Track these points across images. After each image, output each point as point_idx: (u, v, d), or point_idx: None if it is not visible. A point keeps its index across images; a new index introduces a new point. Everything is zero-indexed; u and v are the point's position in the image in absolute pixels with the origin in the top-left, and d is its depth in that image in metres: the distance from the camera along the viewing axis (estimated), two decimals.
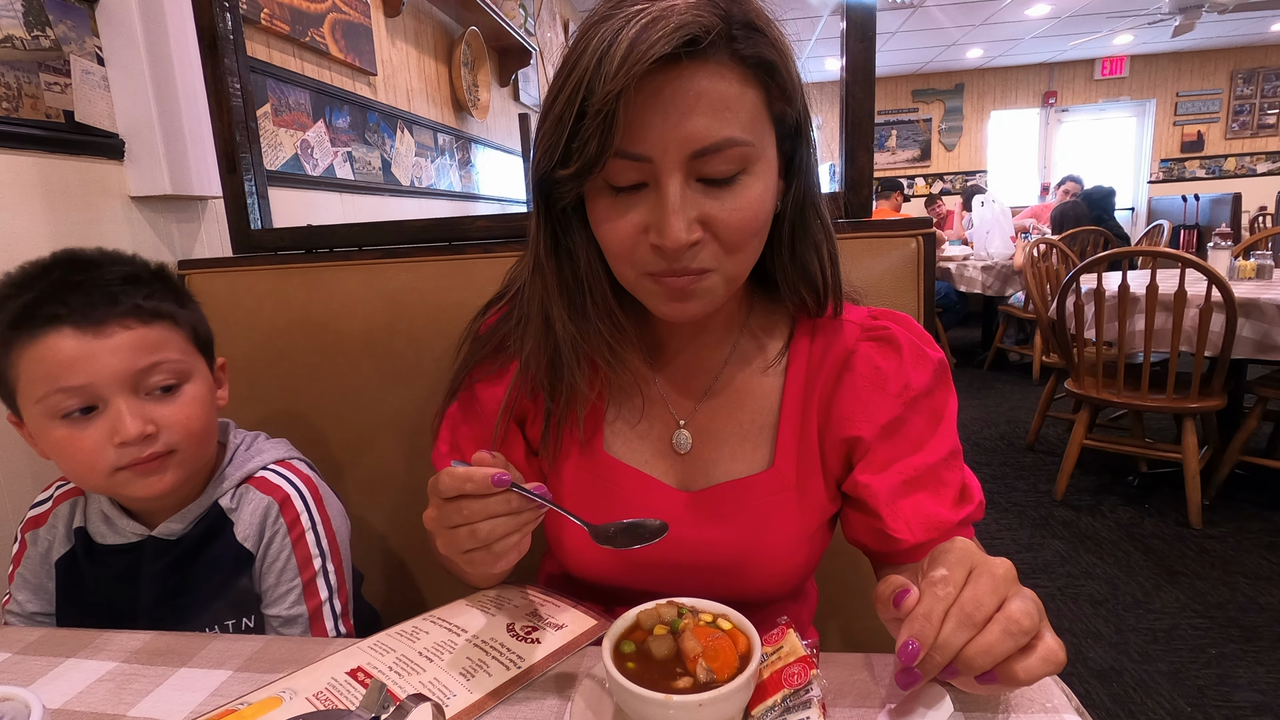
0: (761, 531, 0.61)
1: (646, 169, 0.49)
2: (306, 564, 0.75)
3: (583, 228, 0.56)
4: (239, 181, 1.07)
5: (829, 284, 0.60)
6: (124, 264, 0.72)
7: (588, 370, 0.60)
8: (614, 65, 0.45)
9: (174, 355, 0.70)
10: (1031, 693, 0.48)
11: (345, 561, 0.79)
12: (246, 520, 0.75)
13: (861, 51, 0.86)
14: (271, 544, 0.75)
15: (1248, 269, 2.65)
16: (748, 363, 0.64)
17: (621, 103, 0.46)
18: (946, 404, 0.61)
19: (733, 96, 0.48)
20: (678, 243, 0.49)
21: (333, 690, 0.51)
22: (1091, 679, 1.63)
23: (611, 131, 0.47)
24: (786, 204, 0.57)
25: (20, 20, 0.91)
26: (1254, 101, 7.52)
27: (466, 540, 0.48)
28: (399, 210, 2.15)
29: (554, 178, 0.51)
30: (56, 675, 0.58)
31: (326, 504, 0.79)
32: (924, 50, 6.91)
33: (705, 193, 0.50)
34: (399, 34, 2.22)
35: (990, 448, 3.16)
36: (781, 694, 0.45)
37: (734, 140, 0.48)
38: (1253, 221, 5.93)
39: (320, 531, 0.77)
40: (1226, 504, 2.45)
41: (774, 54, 0.49)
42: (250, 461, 0.78)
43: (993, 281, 4.38)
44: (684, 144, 0.48)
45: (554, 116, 0.49)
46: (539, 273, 0.58)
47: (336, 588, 0.77)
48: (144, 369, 0.67)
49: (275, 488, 0.76)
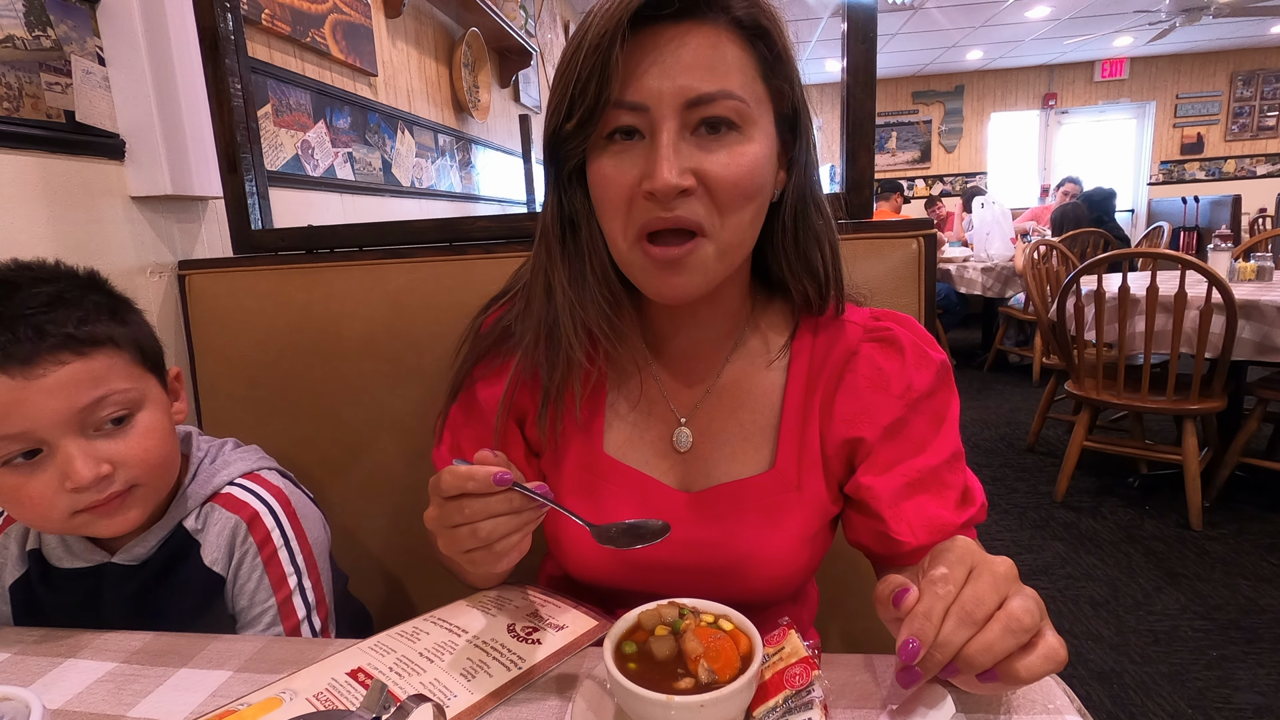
0: (763, 533, 0.61)
1: (643, 118, 0.51)
2: (281, 583, 0.71)
3: (585, 198, 0.57)
4: (240, 182, 1.07)
5: (830, 276, 0.60)
6: (47, 282, 0.62)
7: (585, 341, 0.59)
8: (610, 7, 0.48)
9: (120, 385, 0.63)
10: (1033, 694, 0.47)
11: (324, 572, 0.75)
12: (213, 542, 0.69)
13: (862, 53, 0.86)
14: (242, 565, 0.70)
15: (1248, 271, 2.65)
16: (750, 359, 0.64)
17: (618, 48, 0.48)
18: (949, 406, 0.61)
19: (729, 56, 0.51)
20: (667, 184, 0.50)
21: (333, 691, 0.51)
22: (1092, 680, 1.63)
23: (607, 74, 0.49)
24: (787, 194, 0.58)
25: (21, 20, 0.91)
26: (1254, 104, 7.53)
27: (467, 539, 0.47)
28: (399, 211, 2.15)
29: (561, 135, 0.53)
30: (56, 675, 0.58)
31: (301, 515, 0.74)
32: (924, 52, 6.92)
33: (699, 144, 0.52)
34: (400, 35, 2.23)
35: (990, 449, 3.16)
36: (783, 695, 0.45)
37: (728, 92, 0.50)
38: (1253, 223, 5.93)
39: (294, 547, 0.72)
40: (1227, 506, 2.45)
41: (768, 22, 0.52)
42: (215, 476, 0.73)
43: (993, 283, 4.39)
44: (679, 93, 0.50)
45: (559, 73, 0.52)
46: (544, 238, 0.60)
47: (315, 603, 0.73)
48: (88, 406, 0.60)
49: (243, 505, 0.71)
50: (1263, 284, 2.54)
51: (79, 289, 0.64)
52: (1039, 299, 3.18)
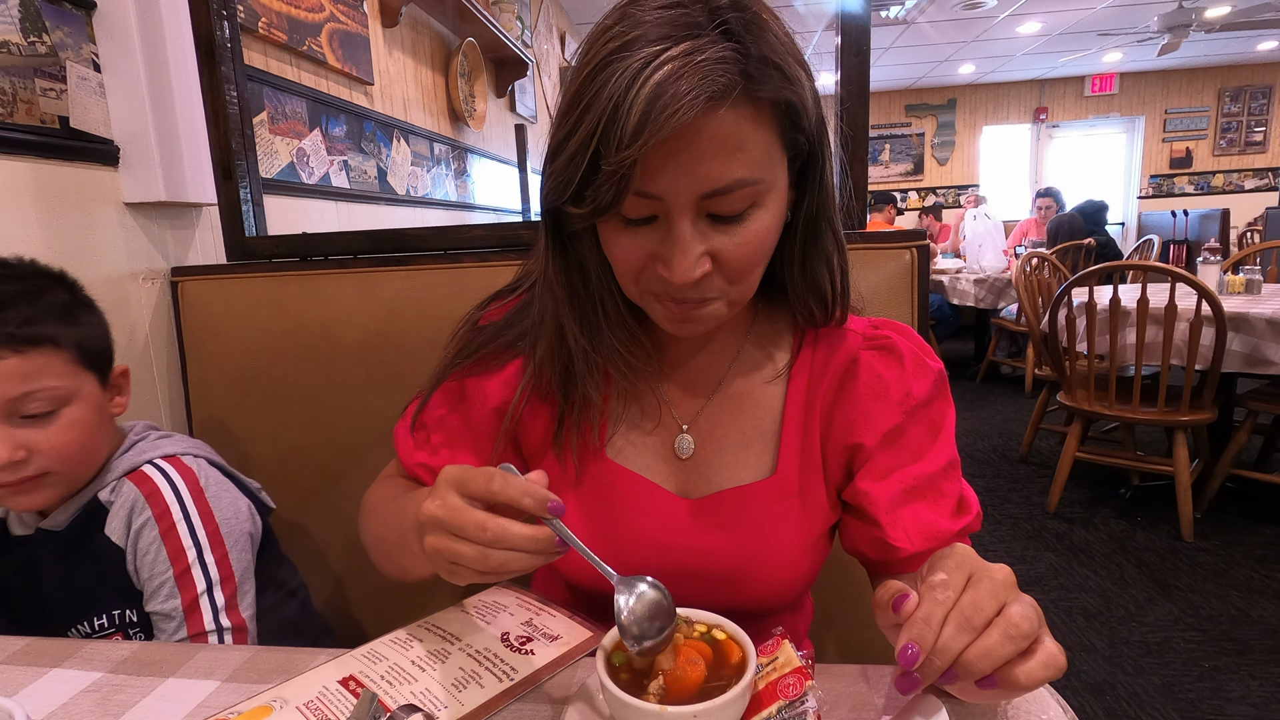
0: (764, 540, 0.61)
1: (657, 205, 0.49)
2: (179, 555, 0.73)
3: (593, 244, 0.55)
4: (234, 189, 1.06)
5: (838, 295, 0.60)
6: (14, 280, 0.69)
7: (600, 380, 0.60)
8: (630, 128, 0.43)
9: (51, 382, 0.68)
10: (1028, 705, 0.47)
11: (237, 554, 0.77)
12: (115, 513, 0.74)
13: (856, 66, 0.87)
14: (140, 537, 0.73)
15: (1237, 284, 2.67)
16: (751, 369, 0.64)
17: (638, 160, 0.45)
18: (945, 415, 0.61)
19: (746, 136, 0.47)
20: (686, 279, 0.49)
21: (323, 700, 0.51)
22: (1085, 692, 1.63)
23: (627, 187, 0.46)
24: (799, 216, 0.56)
25: (17, 26, 0.91)
26: (1241, 119, 7.63)
27: (470, 558, 0.44)
28: (394, 219, 2.15)
29: (565, 211, 0.51)
30: (41, 686, 0.57)
31: (213, 496, 0.77)
32: (917, 66, 6.99)
33: (714, 228, 0.50)
34: (396, 44, 2.23)
35: (983, 460, 3.17)
36: (777, 705, 0.45)
37: (746, 181, 0.48)
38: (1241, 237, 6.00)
39: (195, 522, 0.75)
40: (1218, 517, 2.46)
41: (790, 92, 0.48)
42: (141, 455, 0.77)
43: (985, 294, 4.41)
44: (695, 186, 0.47)
45: (565, 158, 0.48)
46: (548, 288, 0.58)
47: (219, 579, 0.74)
48: (16, 398, 0.66)
49: (146, 479, 0.75)
50: (1251, 297, 2.56)
51: (40, 290, 0.70)
52: (1031, 310, 3.20)
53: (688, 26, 0.44)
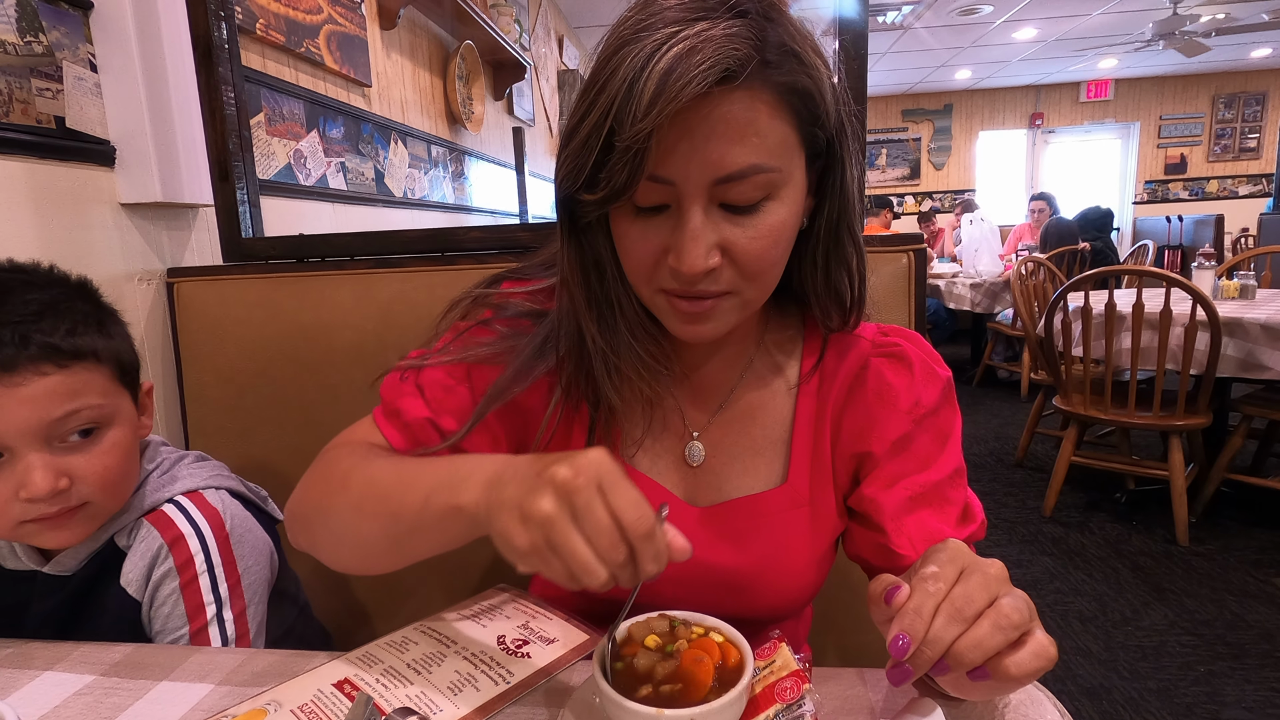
0: (774, 549, 0.60)
1: (670, 191, 0.48)
2: (198, 612, 0.67)
3: (608, 241, 0.55)
4: (231, 190, 1.06)
5: (856, 301, 0.59)
6: (40, 288, 0.63)
7: (620, 383, 0.58)
8: (644, 101, 0.43)
9: (94, 400, 0.62)
10: (1024, 708, 0.47)
11: (255, 607, 0.72)
12: (134, 562, 0.67)
13: (853, 71, 0.88)
14: (160, 588, 0.67)
15: (1231, 289, 2.68)
16: (763, 377, 0.64)
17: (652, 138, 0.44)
18: (953, 423, 0.61)
19: (762, 123, 0.47)
20: (695, 269, 0.48)
21: (318, 703, 0.50)
22: (1081, 697, 1.63)
23: (641, 165, 0.45)
24: (819, 224, 0.55)
25: (13, 25, 0.91)
26: (1235, 125, 7.68)
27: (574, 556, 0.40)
28: (391, 221, 2.15)
29: (578, 198, 0.50)
30: (33, 689, 0.56)
31: (237, 541, 0.71)
32: (914, 71, 7.01)
33: (727, 218, 0.49)
34: (394, 46, 2.23)
35: (979, 464, 3.17)
36: (774, 709, 0.44)
37: (759, 167, 0.47)
38: (1235, 242, 6.03)
39: (219, 575, 0.69)
40: (1213, 521, 2.46)
41: (808, 80, 0.47)
42: (160, 491, 0.70)
43: (981, 299, 4.42)
44: (708, 170, 0.47)
45: (580, 140, 0.47)
46: (566, 287, 0.57)
47: (234, 638, 0.69)
48: (59, 419, 0.60)
49: (169, 525, 0.68)
50: (1246, 302, 2.57)
51: (69, 298, 0.64)
52: (1027, 315, 3.21)
53: (705, 10, 0.45)
